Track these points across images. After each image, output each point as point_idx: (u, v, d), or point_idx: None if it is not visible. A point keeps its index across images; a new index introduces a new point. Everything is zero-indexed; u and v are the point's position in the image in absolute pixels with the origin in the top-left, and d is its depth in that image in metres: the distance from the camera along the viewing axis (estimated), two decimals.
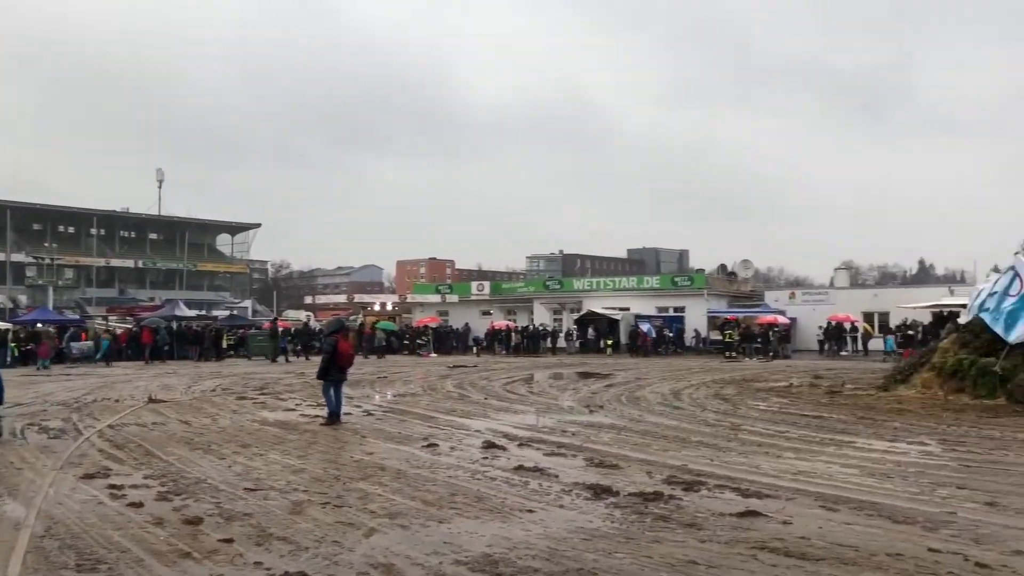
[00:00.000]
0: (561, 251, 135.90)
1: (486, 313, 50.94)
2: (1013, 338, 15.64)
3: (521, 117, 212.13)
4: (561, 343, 44.97)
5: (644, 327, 40.50)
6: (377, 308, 52.50)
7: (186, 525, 6.30)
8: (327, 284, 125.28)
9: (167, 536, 5.98)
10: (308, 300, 72.76)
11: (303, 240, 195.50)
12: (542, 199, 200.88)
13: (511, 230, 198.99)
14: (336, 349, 12.88)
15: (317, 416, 13.64)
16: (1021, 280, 16.77)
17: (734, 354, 36.45)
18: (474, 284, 57.43)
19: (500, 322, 46.79)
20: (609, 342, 42.00)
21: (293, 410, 14.94)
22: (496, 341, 44.18)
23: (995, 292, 17.30)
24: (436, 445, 10.49)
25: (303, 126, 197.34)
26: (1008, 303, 16.51)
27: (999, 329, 16.12)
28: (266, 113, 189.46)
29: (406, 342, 42.98)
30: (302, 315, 56.56)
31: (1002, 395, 14.83)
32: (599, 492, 7.39)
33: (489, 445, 10.36)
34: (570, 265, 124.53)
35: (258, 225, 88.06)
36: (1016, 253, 18.52)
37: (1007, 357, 15.45)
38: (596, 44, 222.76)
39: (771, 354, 37.03)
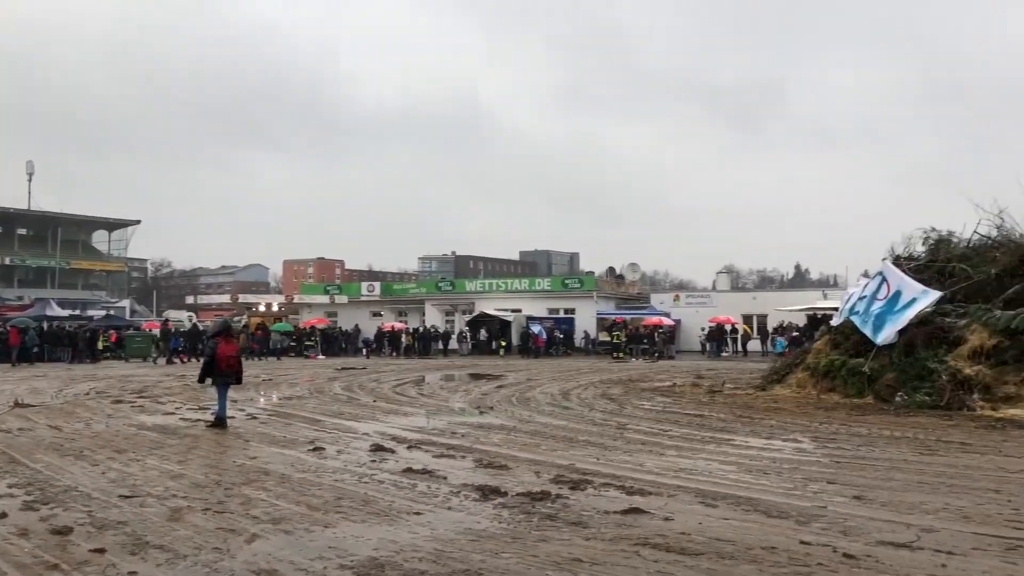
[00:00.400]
0: (454, 252, 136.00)
1: (376, 314, 50.41)
2: (880, 340, 16.53)
3: (411, 117, 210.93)
4: (453, 345, 44.92)
5: (535, 329, 40.91)
6: (263, 309, 51.24)
7: (54, 535, 6.00)
8: (210, 284, 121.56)
9: (32, 548, 5.67)
10: (190, 300, 70.50)
11: (185, 238, 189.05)
12: (434, 200, 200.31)
13: (403, 231, 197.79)
14: (215, 352, 12.52)
15: (199, 420, 13.21)
16: (888, 285, 17.74)
17: (621, 355, 37.25)
18: (364, 285, 56.70)
19: (391, 323, 46.41)
20: (503, 344, 42.23)
21: (173, 414, 14.42)
22: (387, 343, 43.79)
23: (864, 296, 18.25)
24: (322, 449, 10.31)
25: (186, 121, 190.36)
26: (876, 307, 17.44)
27: (867, 331, 17.01)
28: (146, 107, 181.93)
29: (293, 344, 42.10)
30: (184, 315, 54.55)
31: (870, 394, 15.64)
32: (487, 493, 7.42)
33: (377, 448, 10.26)
34: (463, 266, 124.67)
35: (137, 222, 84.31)
36: (884, 259, 19.54)
37: (875, 358, 16.32)
38: (485, 45, 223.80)
39: (656, 355, 38.02)
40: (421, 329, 45.08)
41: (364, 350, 43.09)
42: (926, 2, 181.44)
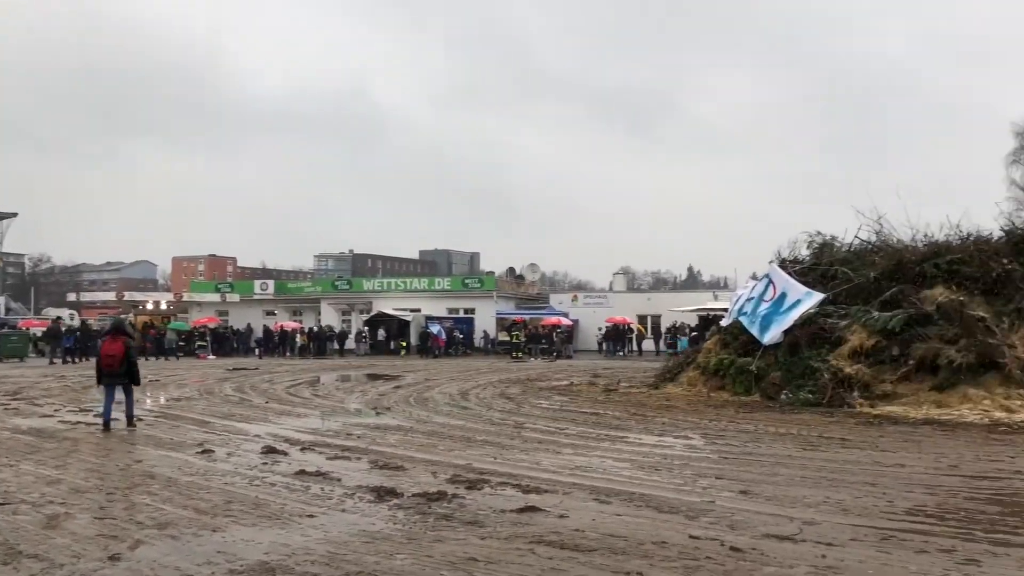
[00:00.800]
0: (351, 251, 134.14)
1: (270, 313, 49.27)
2: (767, 340, 17.16)
3: (306, 112, 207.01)
4: (350, 345, 44.32)
5: (434, 328, 40.76)
6: (150, 307, 49.34)
7: None
8: (94, 280, 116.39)
9: None
10: (72, 297, 67.14)
11: (67, 233, 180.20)
12: (331, 197, 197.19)
13: (299, 228, 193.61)
14: (100, 351, 12.05)
15: (79, 422, 12.63)
16: (774, 287, 18.42)
17: (521, 354, 37.49)
18: (257, 283, 55.31)
19: (285, 323, 45.43)
20: (403, 344, 41.91)
21: (51, 416, 13.74)
22: (281, 343, 42.86)
23: (752, 298, 18.90)
24: (212, 451, 10.00)
25: (67, 113, 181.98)
26: (763, 308, 18.08)
27: (755, 331, 17.63)
28: (26, 97, 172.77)
29: (182, 343, 40.72)
30: (66, 313, 51.98)
31: (757, 392, 16.21)
32: (383, 494, 7.34)
33: (269, 450, 10.02)
34: (360, 265, 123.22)
35: (14, 214, 79.95)
36: (770, 262, 20.26)
37: (761, 357, 16.92)
38: (382, 42, 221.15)
39: (555, 354, 38.43)
40: (316, 329, 44.30)
41: (257, 350, 42.05)
42: (810, 16, 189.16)
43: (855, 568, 5.00)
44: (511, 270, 55.93)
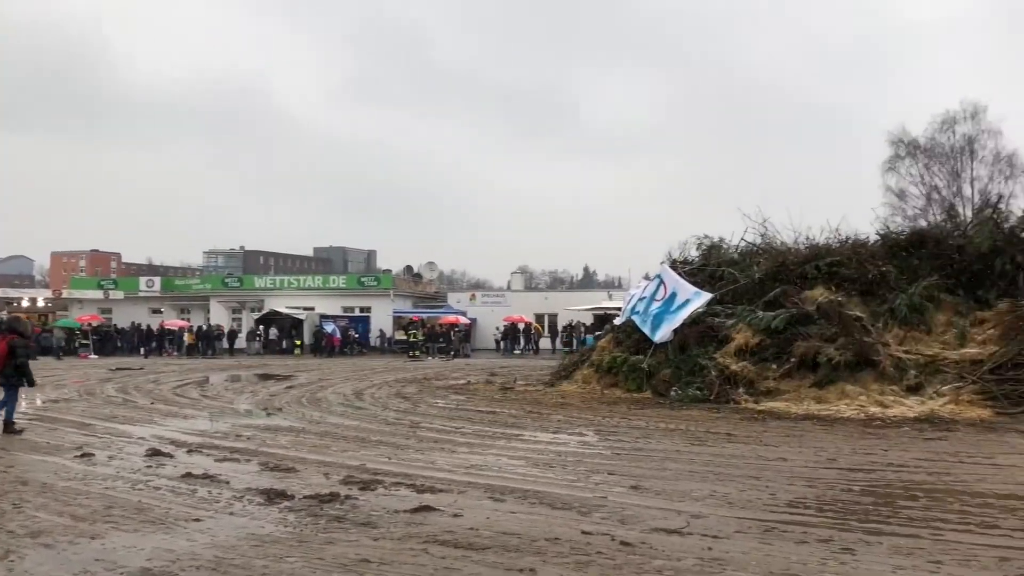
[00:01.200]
0: (242, 247, 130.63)
1: (156, 311, 47.54)
2: (658, 338, 17.58)
3: (195, 105, 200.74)
4: (241, 344, 43.17)
5: (329, 327, 40.13)
6: (26, 304, 46.85)
7: None
8: None
9: None
10: None
11: None
12: (222, 193, 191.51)
13: (187, 224, 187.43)
14: None
15: None
16: (665, 287, 18.89)
17: (418, 354, 37.29)
18: (143, 280, 53.35)
19: (172, 321, 43.90)
20: (297, 343, 41.07)
21: None
22: (167, 342, 41.39)
23: (644, 297, 19.34)
24: (92, 455, 9.57)
25: None
26: (654, 307, 18.52)
27: (647, 330, 18.04)
28: None
29: (64, 343, 38.85)
30: None
31: (648, 389, 16.60)
32: (273, 496, 7.17)
33: (154, 453, 9.65)
34: (252, 262, 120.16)
35: None
36: (662, 263, 20.79)
37: (653, 355, 17.34)
38: (276, 37, 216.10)
39: (452, 353, 38.40)
40: (205, 327, 42.96)
41: (142, 349, 40.49)
42: (697, 21, 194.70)
43: (739, 559, 5.17)
44: (408, 268, 55.66)
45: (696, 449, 10.02)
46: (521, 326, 42.99)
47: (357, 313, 45.95)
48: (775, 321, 16.12)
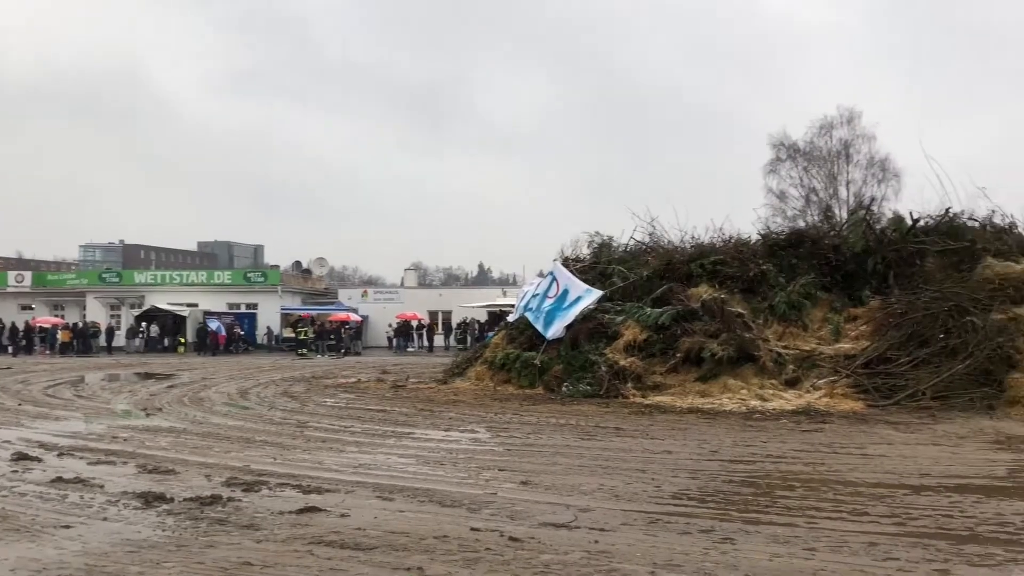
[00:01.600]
0: (121, 241, 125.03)
1: (26, 308, 45.06)
2: (550, 334, 17.78)
3: (64, 92, 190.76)
4: (120, 342, 41.39)
5: (213, 324, 38.92)
6: None
7: None
8: None
9: None
10: None
11: None
12: (99, 184, 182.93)
13: (62, 216, 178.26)
14: None
15: None
16: (558, 284, 19.14)
17: (306, 351, 36.57)
18: (11, 274, 50.31)
19: (44, 319, 41.70)
20: (180, 340, 39.65)
21: None
22: (39, 340, 39.27)
23: (537, 294, 19.53)
24: None
25: None
26: (547, 304, 18.73)
27: (539, 326, 18.22)
28: None
29: None
30: None
31: (540, 385, 16.76)
32: (150, 500, 6.86)
33: (20, 457, 9.11)
34: (132, 256, 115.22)
35: None
36: (555, 260, 21.04)
37: (545, 351, 17.52)
38: (149, 20, 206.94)
39: (343, 351, 37.85)
40: (81, 324, 40.98)
41: (9, 348, 38.30)
42: (586, 22, 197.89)
43: (624, 551, 5.26)
44: (297, 264, 54.58)
45: (586, 443, 10.15)
46: (414, 323, 42.75)
47: (243, 310, 44.77)
48: (662, 317, 16.53)
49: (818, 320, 16.78)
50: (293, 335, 39.32)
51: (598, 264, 20.43)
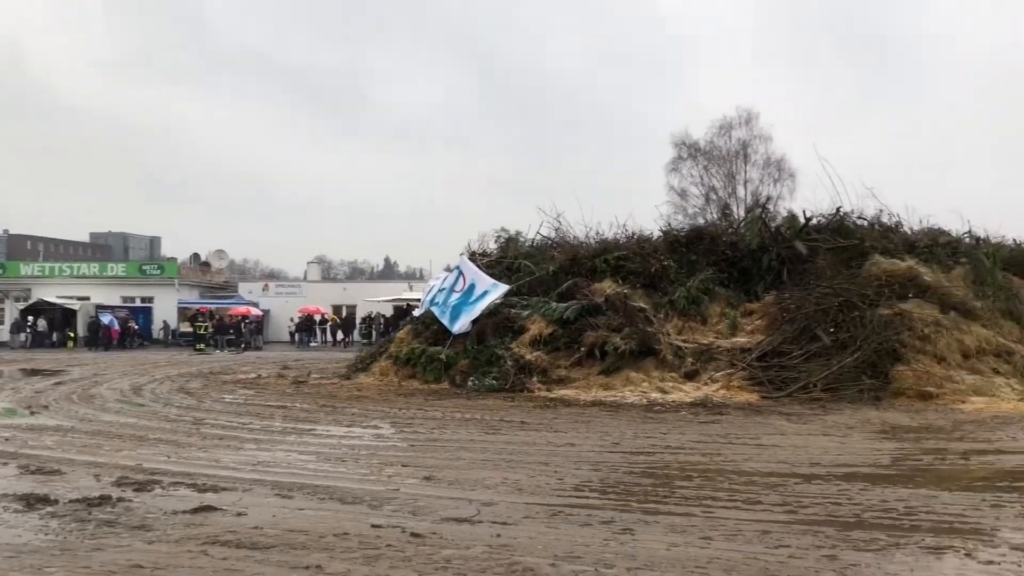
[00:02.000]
0: (6, 231, 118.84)
1: None
2: (456, 329, 17.74)
3: None
4: (4, 336, 39.37)
5: (106, 319, 37.43)
6: None
7: None
8: None
9: None
10: None
11: None
12: None
13: None
14: None
15: None
16: (464, 278, 19.10)
17: (205, 347, 35.52)
18: None
19: None
20: (71, 335, 37.94)
21: None
22: None
23: (444, 288, 19.45)
24: None
25: None
26: (453, 298, 18.68)
27: (445, 321, 18.15)
28: None
29: None
30: None
31: (446, 380, 16.69)
32: (33, 502, 6.53)
33: None
34: (18, 247, 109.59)
35: None
36: (461, 255, 21.00)
37: (451, 346, 17.46)
38: (36, 3, 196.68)
39: (243, 346, 36.94)
40: None
41: None
42: (492, 17, 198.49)
43: (526, 544, 5.28)
44: (195, 256, 52.93)
45: (490, 438, 10.17)
46: (317, 318, 42.05)
47: (138, 303, 43.19)
48: (567, 312, 16.71)
49: (716, 315, 17.24)
50: (191, 330, 38.12)
51: (505, 259, 20.50)
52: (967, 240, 19.64)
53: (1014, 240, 20.29)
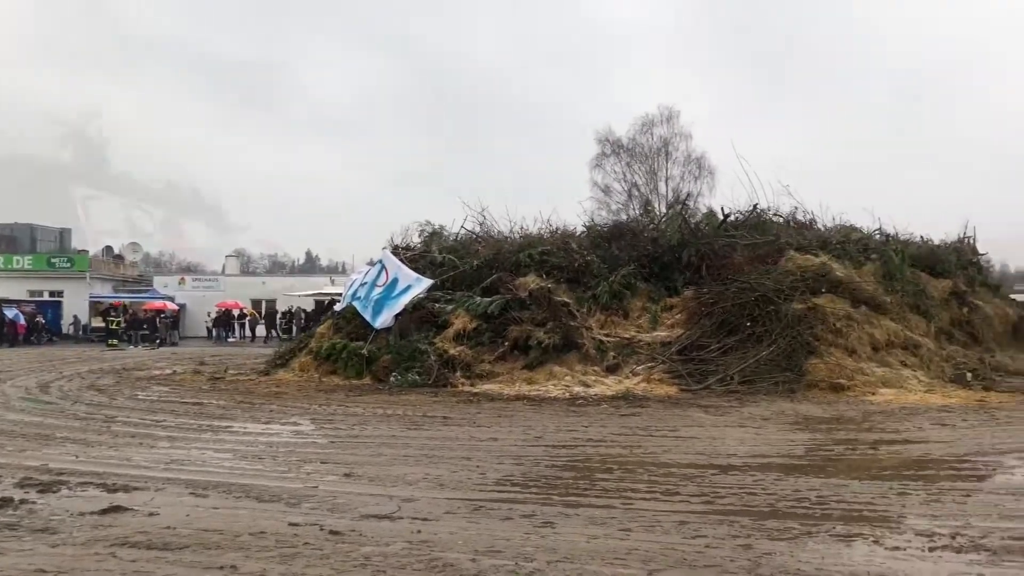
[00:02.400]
0: None
1: None
2: (378, 324, 17.57)
3: None
4: None
5: (11, 313, 35.89)
6: None
7: None
8: None
9: None
10: None
11: None
12: None
13: None
14: None
15: None
16: (387, 272, 18.93)
17: (117, 342, 34.39)
18: None
19: None
20: None
21: None
22: None
23: (366, 283, 19.24)
24: None
25: None
26: (376, 293, 18.49)
27: (368, 316, 17.96)
28: None
29: None
30: None
31: (368, 375, 16.51)
32: None
33: None
34: None
35: None
36: (384, 248, 20.80)
37: (373, 341, 17.29)
38: None
39: (158, 341, 35.91)
40: None
41: None
42: (428, 19, 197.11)
43: (446, 540, 5.24)
44: (108, 249, 51.24)
45: (412, 433, 10.09)
46: (236, 312, 41.17)
47: (47, 298, 41.55)
48: (491, 307, 16.71)
49: (638, 309, 17.48)
50: (103, 324, 36.85)
51: (428, 253, 20.37)
52: (877, 237, 20.36)
53: (921, 237, 21.12)
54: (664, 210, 30.66)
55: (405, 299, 17.73)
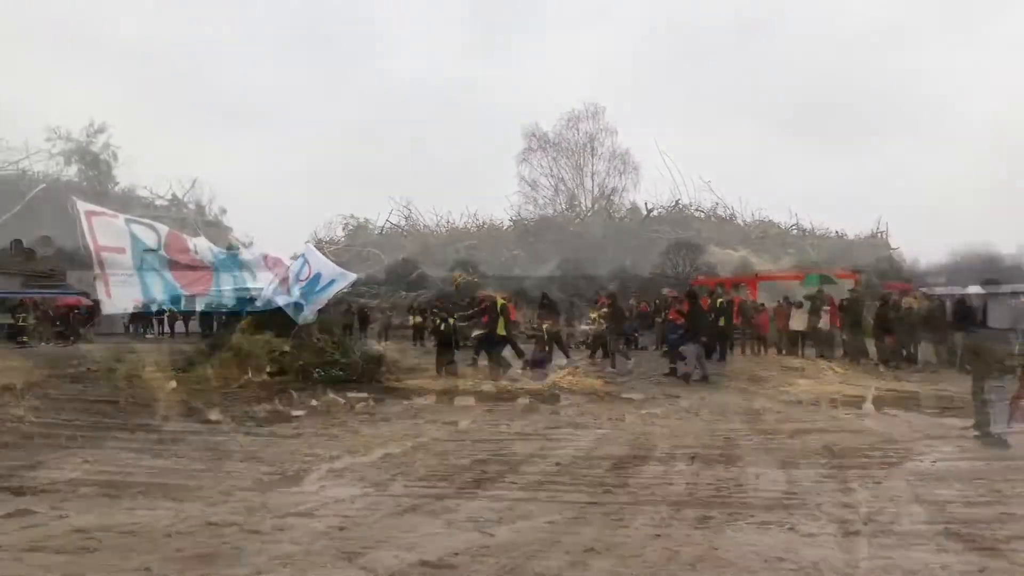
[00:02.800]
0: None
1: None
2: (301, 319, 17.24)
3: None
4: None
5: None
6: None
7: None
8: None
9: None
10: None
11: None
12: None
13: None
14: None
15: None
16: (310, 267, 18.57)
17: (27, 339, 33.01)
18: None
19: None
20: None
21: None
22: None
23: (288, 277, 18.84)
24: None
25: None
26: (298, 287, 18.13)
27: (289, 310, 17.59)
28: None
29: None
30: None
31: (290, 372, 16.15)
32: None
33: None
34: None
35: None
36: (307, 242, 20.46)
37: (296, 336, 16.95)
38: None
39: (72, 338, 34.63)
40: None
41: None
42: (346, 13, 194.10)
43: (368, 535, 5.18)
44: (18, 242, 49.11)
45: (335, 431, 9.93)
46: (154, 307, 39.94)
47: None
48: (416, 300, 16.60)
49: (565, 302, 17.61)
50: (12, 322, 35.32)
51: (353, 246, 20.17)
52: (795, 232, 20.93)
53: (836, 232, 21.79)
54: (590, 205, 30.94)
55: (328, 293, 17.42)
